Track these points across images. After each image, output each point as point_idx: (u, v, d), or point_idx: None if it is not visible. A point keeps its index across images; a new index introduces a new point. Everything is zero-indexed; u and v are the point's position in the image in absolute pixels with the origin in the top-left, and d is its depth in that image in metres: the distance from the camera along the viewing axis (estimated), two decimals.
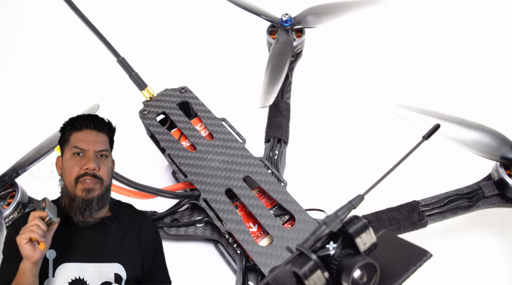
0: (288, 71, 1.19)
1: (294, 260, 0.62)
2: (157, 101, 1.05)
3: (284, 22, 1.18)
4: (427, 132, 0.70)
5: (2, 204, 0.92)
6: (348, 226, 0.64)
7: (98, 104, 1.06)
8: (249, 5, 1.23)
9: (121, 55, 1.01)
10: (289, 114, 1.13)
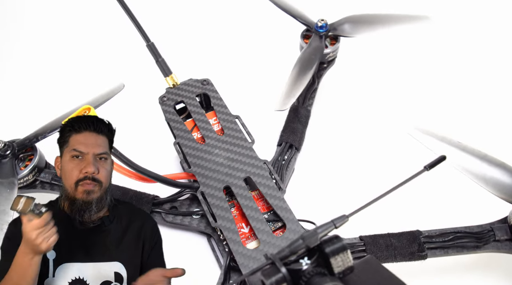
0: (316, 77, 1.18)
1: (265, 269, 0.61)
2: (179, 90, 1.07)
3: (319, 27, 1.16)
4: (430, 163, 0.67)
5: (20, 165, 0.98)
6: (325, 245, 0.63)
7: (124, 84, 1.10)
8: (288, 6, 1.22)
9: (151, 40, 1.04)
10: (307, 121, 1.11)
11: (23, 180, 0.98)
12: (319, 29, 1.16)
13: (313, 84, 1.17)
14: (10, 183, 0.92)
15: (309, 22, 1.19)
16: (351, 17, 1.19)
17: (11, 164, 0.95)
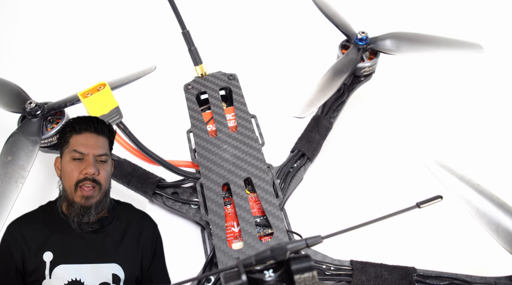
0: (346, 90, 1.15)
1: (228, 272, 0.61)
2: (205, 80, 1.08)
3: (358, 39, 1.12)
4: (424, 200, 0.63)
5: (48, 127, 1.05)
6: (293, 261, 0.62)
7: (156, 66, 1.13)
8: (332, 13, 1.19)
9: (186, 28, 1.06)
10: (327, 133, 1.09)
11: (48, 141, 1.04)
12: (358, 41, 1.12)
13: (342, 96, 1.14)
14: (34, 142, 0.98)
15: (350, 33, 1.15)
16: (396, 33, 1.14)
17: (39, 124, 1.02)
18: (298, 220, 0.99)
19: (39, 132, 1.01)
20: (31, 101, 1.02)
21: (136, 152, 0.88)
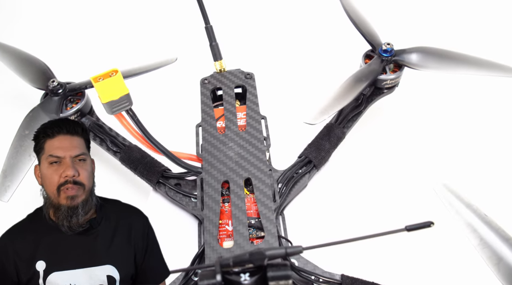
0: (365, 101, 1.12)
1: (205, 270, 0.62)
2: (222, 76, 1.09)
3: (383, 51, 1.09)
4: (413, 225, 0.61)
5: (68, 106, 1.10)
6: (270, 268, 0.61)
7: (177, 57, 1.15)
8: (360, 21, 1.16)
9: (210, 23, 1.07)
10: (338, 143, 1.06)
11: None
12: (382, 53, 1.09)
13: (359, 107, 1.11)
14: (52, 118, 1.03)
15: (375, 43, 1.12)
16: (423, 48, 1.10)
17: (59, 103, 1.06)
18: (297, 226, 0.98)
19: (58, 110, 1.05)
20: (54, 79, 1.07)
21: (142, 139, 0.90)
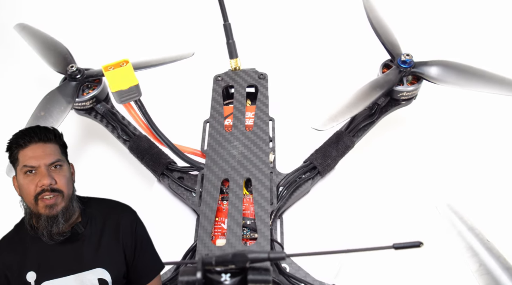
0: (379, 112, 1.09)
1: (188, 266, 0.62)
2: (236, 75, 1.09)
3: (401, 61, 1.06)
4: (402, 244, 0.59)
5: (84, 91, 1.12)
6: (251, 271, 0.61)
7: (194, 52, 1.16)
8: (382, 29, 1.14)
9: (228, 21, 1.07)
10: (345, 152, 1.05)
11: (81, 105, 1.12)
12: (401, 64, 1.07)
13: (372, 116, 1.09)
14: (67, 102, 1.06)
15: (395, 53, 1.09)
16: (444, 61, 1.07)
17: (76, 88, 1.09)
18: (295, 231, 0.97)
19: (74, 95, 1.08)
20: (73, 65, 1.10)
21: (148, 130, 0.92)
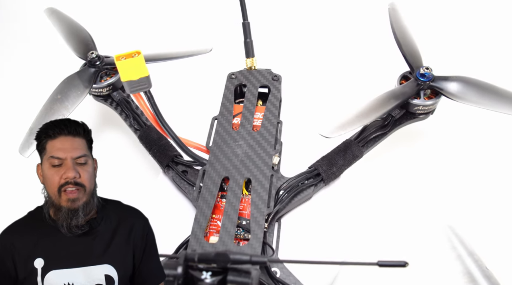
0: (392, 124, 1.07)
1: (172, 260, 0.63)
2: (250, 74, 1.09)
3: (420, 75, 1.03)
4: (386, 262, 0.58)
5: (102, 78, 1.15)
6: (232, 272, 0.61)
7: (211, 48, 1.17)
8: (405, 39, 1.11)
9: (248, 19, 1.07)
10: (352, 162, 1.03)
11: (98, 91, 1.14)
12: (419, 77, 1.04)
13: (385, 128, 1.06)
14: (84, 88, 1.09)
15: (415, 65, 1.07)
16: (466, 78, 1.03)
17: (94, 74, 1.12)
18: (293, 237, 0.96)
19: (91, 81, 1.11)
20: (94, 51, 1.13)
21: (154, 121, 0.93)
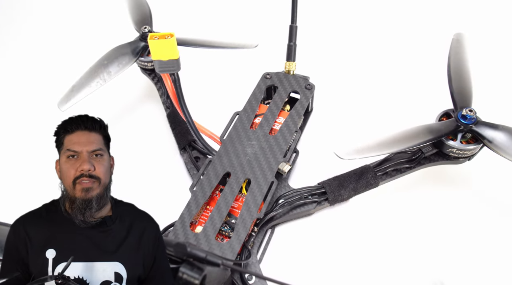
0: (420, 161, 1.00)
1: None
2: (286, 78, 1.08)
3: (461, 116, 0.95)
4: None
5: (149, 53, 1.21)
6: (185, 264, 0.64)
7: (257, 44, 1.17)
8: (458, 74, 1.03)
9: (296, 23, 1.06)
10: (365, 189, 0.98)
11: (143, 64, 1.21)
12: (460, 118, 0.95)
13: (410, 163, 1.00)
14: (130, 59, 1.14)
15: (460, 104, 0.98)
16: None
17: (142, 48, 1.17)
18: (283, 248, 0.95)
19: (138, 53, 1.17)
20: (147, 27, 1.19)
21: (175, 102, 0.96)
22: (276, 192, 0.97)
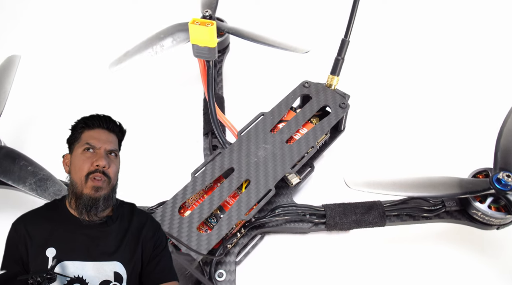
0: (441, 214, 0.93)
1: None
2: (324, 90, 1.05)
3: (496, 179, 0.85)
4: None
5: None
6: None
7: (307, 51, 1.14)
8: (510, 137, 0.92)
9: (349, 39, 1.02)
10: (368, 225, 0.92)
11: None
12: (495, 181, 0.85)
13: (430, 212, 0.92)
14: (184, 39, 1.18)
15: (500, 166, 0.88)
16: None
17: None
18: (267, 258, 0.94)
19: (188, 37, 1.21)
20: (209, 10, 1.22)
21: (204, 87, 0.98)
22: (275, 200, 0.95)
